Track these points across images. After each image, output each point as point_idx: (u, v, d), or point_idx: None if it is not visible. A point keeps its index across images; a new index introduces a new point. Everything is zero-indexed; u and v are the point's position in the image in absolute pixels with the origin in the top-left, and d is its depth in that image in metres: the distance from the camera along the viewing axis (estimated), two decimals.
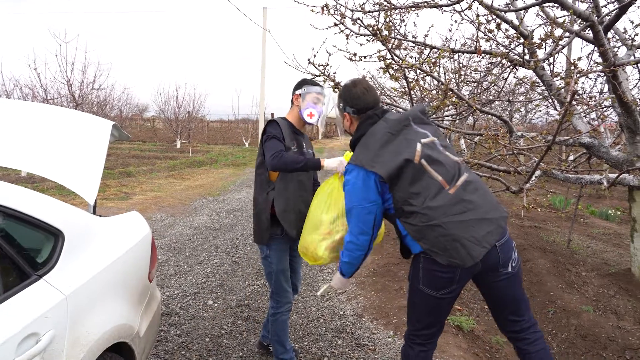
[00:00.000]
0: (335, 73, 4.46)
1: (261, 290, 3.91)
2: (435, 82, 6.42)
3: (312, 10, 4.37)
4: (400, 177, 1.82)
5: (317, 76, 4.43)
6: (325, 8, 4.48)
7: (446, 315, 1.95)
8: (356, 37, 4.53)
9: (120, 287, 2.00)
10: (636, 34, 4.71)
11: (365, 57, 4.37)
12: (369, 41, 4.61)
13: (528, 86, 6.51)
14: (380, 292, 3.68)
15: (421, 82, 4.84)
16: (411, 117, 1.99)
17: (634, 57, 4.15)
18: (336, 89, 4.24)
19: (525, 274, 4.71)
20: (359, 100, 2.06)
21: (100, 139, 2.35)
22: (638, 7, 3.68)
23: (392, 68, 3.96)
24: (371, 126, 1.98)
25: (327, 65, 4.45)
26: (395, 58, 4.29)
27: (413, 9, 4.79)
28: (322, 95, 2.56)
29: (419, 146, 1.86)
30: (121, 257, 2.04)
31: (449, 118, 6.46)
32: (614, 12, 3.96)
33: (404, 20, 5.63)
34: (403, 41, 5.00)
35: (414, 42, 4.97)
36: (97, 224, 2.07)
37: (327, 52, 5.19)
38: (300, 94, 2.52)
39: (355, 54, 4.35)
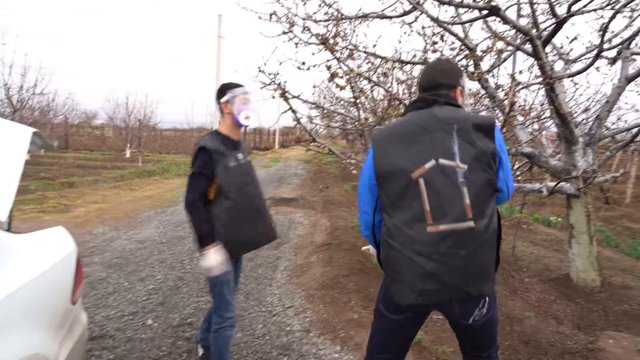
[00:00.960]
0: (285, 82, 4.40)
1: (206, 307, 3.74)
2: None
3: (260, 18, 4.31)
4: (391, 180, 1.64)
5: (267, 85, 4.36)
6: (274, 15, 4.43)
7: (400, 345, 1.85)
8: (305, 45, 4.50)
9: (34, 312, 1.81)
10: (571, 49, 4.97)
11: (314, 66, 4.34)
12: (320, 50, 4.60)
13: (477, 98, 6.73)
14: (329, 305, 3.61)
15: (370, 92, 4.87)
16: (458, 125, 1.62)
17: (570, 71, 4.35)
18: (284, 97, 4.17)
19: None
20: (419, 80, 1.87)
21: (17, 147, 2.14)
22: (573, 24, 3.86)
23: (338, 76, 3.94)
24: (415, 110, 1.75)
25: (277, 74, 4.39)
26: (343, 67, 4.29)
27: (363, 19, 4.84)
28: (249, 94, 2.49)
29: (430, 163, 1.60)
30: (36, 279, 1.85)
31: None
32: (551, 28, 4.14)
33: (354, 31, 5.66)
34: (354, 51, 5.02)
35: (365, 52, 5.00)
36: (11, 241, 1.86)
37: (277, 60, 5.15)
38: (227, 100, 2.43)
39: (303, 63, 4.30)
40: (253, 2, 4.85)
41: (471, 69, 4.66)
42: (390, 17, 4.77)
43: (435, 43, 4.28)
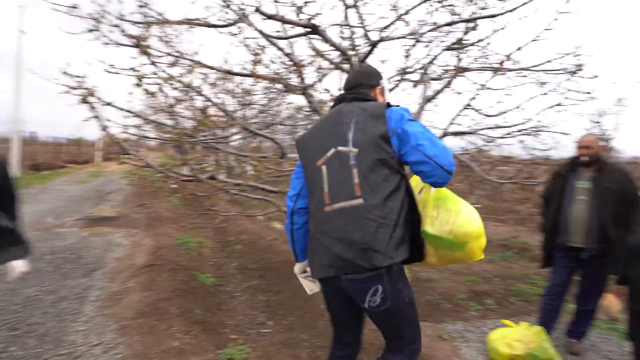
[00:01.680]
0: (96, 87, 3.85)
1: None
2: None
3: (55, 10, 3.69)
4: (307, 170, 1.90)
5: (73, 89, 3.75)
6: (75, 9, 3.85)
7: (338, 323, 2.08)
8: (116, 46, 4.02)
9: None
10: (383, 71, 5.54)
11: (126, 70, 3.89)
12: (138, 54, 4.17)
13: (305, 112, 7.00)
14: (146, 335, 3.21)
15: (190, 101, 4.61)
16: (357, 117, 1.83)
17: None
18: (87, 102, 3.64)
19: (300, 290, 4.87)
20: (345, 81, 2.09)
21: None
22: (384, 48, 4.26)
23: (148, 82, 3.60)
24: (335, 106, 1.98)
25: (84, 77, 3.81)
26: (161, 73, 3.96)
27: (187, 25, 4.58)
28: None
29: (331, 152, 1.82)
30: None
31: (237, 140, 6.41)
32: (366, 50, 4.53)
33: (178, 37, 5.34)
34: (180, 58, 4.72)
35: (191, 60, 4.73)
36: None
37: (86, 62, 4.51)
38: None
39: (112, 65, 3.83)
40: None
41: (296, 83, 4.81)
42: (217, 26, 4.61)
43: (257, 54, 4.26)
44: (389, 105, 1.87)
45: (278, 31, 5.01)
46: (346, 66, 4.53)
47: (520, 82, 4.45)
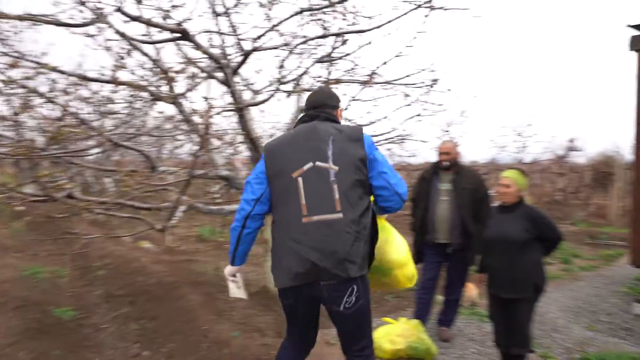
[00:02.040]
0: None
1: None
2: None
3: None
4: (278, 179, 1.96)
5: None
6: None
7: (300, 325, 2.19)
8: None
9: None
10: (256, 81, 5.51)
11: None
12: None
13: (175, 122, 6.59)
14: None
15: (36, 108, 4.00)
16: (333, 136, 1.96)
17: (257, 100, 4.75)
18: None
19: (179, 313, 4.55)
20: (307, 100, 2.22)
21: None
22: (258, 58, 4.22)
23: None
24: (301, 124, 2.09)
25: None
26: None
27: (28, 21, 3.97)
28: None
29: (308, 165, 1.92)
30: None
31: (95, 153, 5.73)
32: (239, 59, 4.44)
33: (17, 34, 4.66)
34: (21, 59, 4.07)
35: (36, 62, 4.11)
36: None
37: None
38: None
39: None
40: None
41: (166, 91, 4.50)
42: (69, 26, 4.08)
43: (122, 58, 3.88)
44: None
45: (144, 35, 4.64)
46: (219, 74, 4.39)
47: (387, 94, 4.81)
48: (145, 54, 4.52)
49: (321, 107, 2.14)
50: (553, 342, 3.88)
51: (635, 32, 4.73)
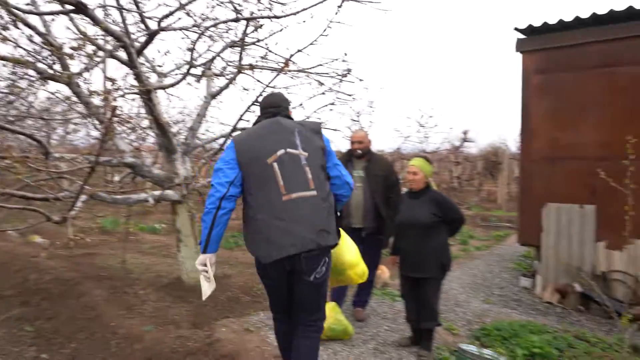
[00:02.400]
0: None
1: None
2: None
3: None
4: (252, 166, 2.16)
5: None
6: None
7: (284, 300, 2.37)
8: None
9: None
10: (163, 63, 5.20)
11: None
12: None
13: (66, 104, 5.99)
14: None
15: None
16: (298, 128, 2.27)
17: (163, 84, 4.50)
18: None
19: (82, 310, 4.22)
20: (263, 101, 2.49)
21: None
22: (163, 39, 3.97)
23: None
24: (264, 119, 2.36)
25: None
26: None
27: None
28: None
29: (281, 151, 2.17)
30: None
31: None
32: (144, 39, 4.15)
33: None
34: None
35: None
36: None
37: None
38: None
39: None
40: None
41: (59, 69, 4.07)
42: None
43: (5, 29, 3.44)
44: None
45: (28, 4, 4.14)
46: (123, 55, 4.07)
47: (301, 83, 4.84)
48: (31, 27, 4.04)
49: (278, 107, 2.41)
50: (456, 315, 4.27)
51: (521, 36, 5.27)
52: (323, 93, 4.76)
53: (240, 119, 4.29)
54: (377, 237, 3.72)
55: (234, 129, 4.48)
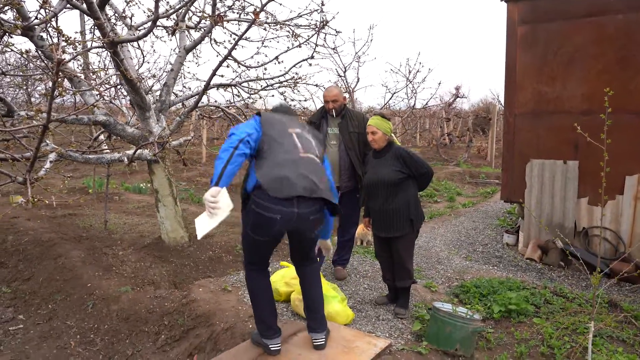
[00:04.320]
0: None
1: None
2: None
3: None
4: (275, 128, 2.49)
5: None
6: None
7: (269, 250, 2.57)
8: None
9: None
10: (132, 14, 4.90)
11: None
12: None
13: (24, 58, 5.68)
14: None
15: None
16: (301, 123, 2.77)
17: (131, 37, 4.24)
18: None
19: (59, 271, 4.19)
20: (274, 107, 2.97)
21: None
22: None
23: None
24: (277, 113, 2.75)
25: None
26: None
27: None
28: None
29: (297, 130, 2.58)
30: None
31: None
32: None
33: None
34: None
35: None
36: None
37: None
38: None
39: None
40: None
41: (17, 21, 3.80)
42: None
43: None
44: None
45: None
46: (82, 5, 3.78)
47: (276, 35, 4.60)
48: None
49: (288, 109, 2.89)
50: (437, 272, 4.27)
51: None
52: (299, 46, 4.53)
53: (214, 74, 4.09)
54: (353, 196, 3.65)
55: (208, 84, 4.28)
